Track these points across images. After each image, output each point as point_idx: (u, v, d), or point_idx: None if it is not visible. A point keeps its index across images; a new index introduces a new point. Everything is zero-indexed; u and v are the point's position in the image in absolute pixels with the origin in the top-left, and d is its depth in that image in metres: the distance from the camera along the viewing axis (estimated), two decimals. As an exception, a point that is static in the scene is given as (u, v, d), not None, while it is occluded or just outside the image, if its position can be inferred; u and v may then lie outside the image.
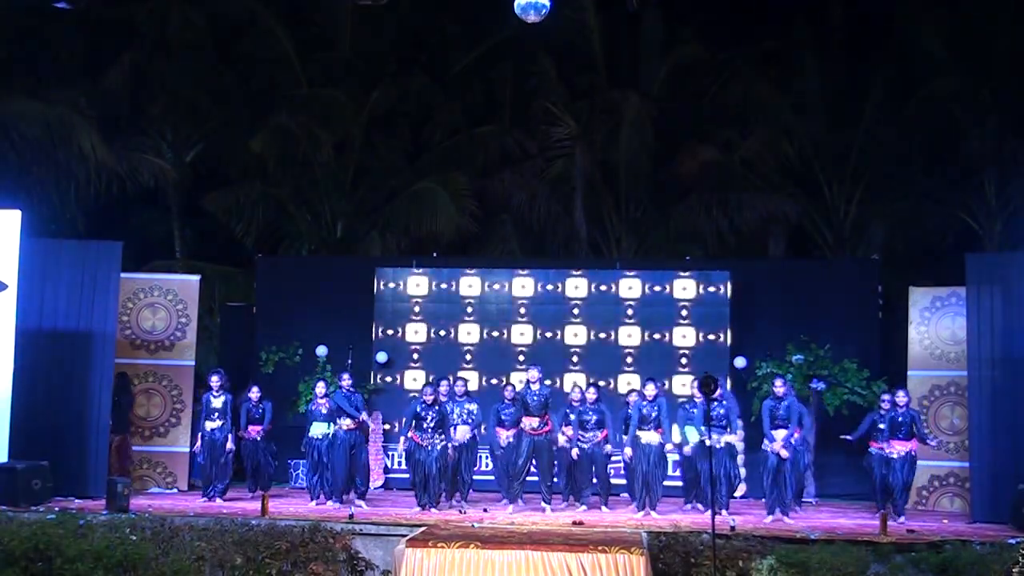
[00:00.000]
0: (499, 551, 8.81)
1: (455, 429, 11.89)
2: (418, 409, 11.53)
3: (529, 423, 11.78)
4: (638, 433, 11.50)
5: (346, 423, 11.93)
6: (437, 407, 11.53)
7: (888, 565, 9.33)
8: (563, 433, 12.16)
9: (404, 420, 12.00)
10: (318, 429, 12.23)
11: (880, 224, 17.36)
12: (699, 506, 11.96)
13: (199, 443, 12.31)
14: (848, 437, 12.29)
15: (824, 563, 9.00)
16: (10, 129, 16.20)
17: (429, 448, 11.35)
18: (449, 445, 11.55)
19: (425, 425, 11.41)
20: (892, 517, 11.06)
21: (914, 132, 16.87)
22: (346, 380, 12.18)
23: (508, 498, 11.86)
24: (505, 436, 11.89)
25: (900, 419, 11.59)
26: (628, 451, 11.58)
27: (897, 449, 11.54)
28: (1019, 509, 10.75)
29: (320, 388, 12.42)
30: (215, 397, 12.20)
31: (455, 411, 12.02)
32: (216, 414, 12.17)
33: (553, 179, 18.25)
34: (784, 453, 11.23)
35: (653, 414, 11.50)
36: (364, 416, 12.13)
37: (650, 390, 11.60)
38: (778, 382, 11.60)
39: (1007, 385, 11.63)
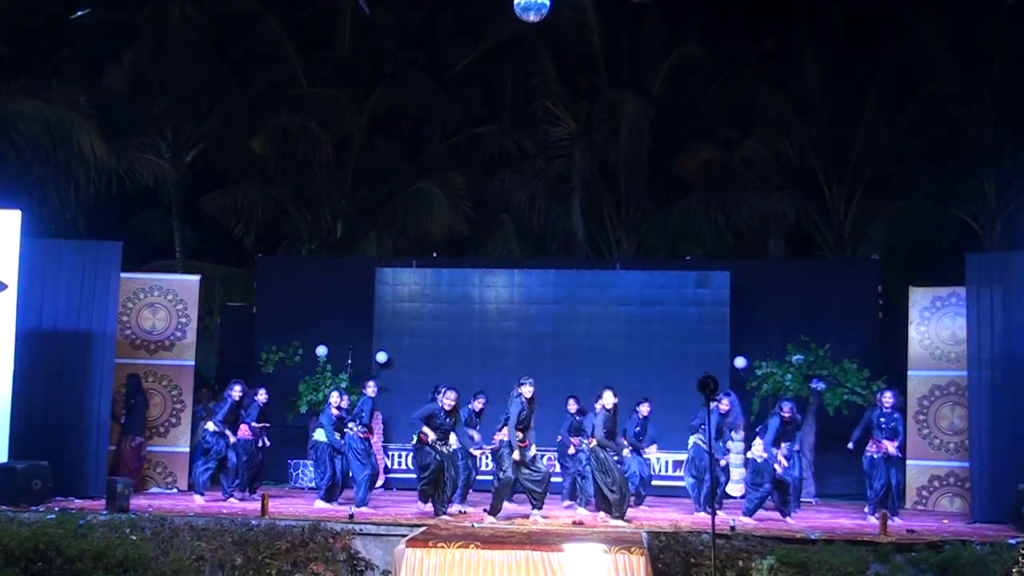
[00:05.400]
0: (499, 551, 8.82)
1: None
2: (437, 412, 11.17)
3: (519, 435, 10.95)
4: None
5: (357, 430, 11.91)
6: (453, 417, 11.19)
7: (888, 565, 9.33)
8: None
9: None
10: (325, 435, 12.22)
11: (880, 224, 17.37)
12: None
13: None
14: (851, 446, 12.03)
15: (824, 563, 8.99)
16: (10, 129, 16.19)
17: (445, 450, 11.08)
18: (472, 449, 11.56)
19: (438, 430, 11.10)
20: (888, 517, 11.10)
21: (914, 132, 16.88)
22: (371, 388, 12.13)
23: (491, 510, 11.05)
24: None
25: (884, 420, 11.61)
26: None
27: (885, 449, 11.56)
28: (1019, 509, 10.75)
29: (335, 398, 12.31)
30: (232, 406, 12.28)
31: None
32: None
33: (553, 179, 18.26)
34: (783, 464, 11.31)
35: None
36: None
37: (609, 398, 11.12)
38: (786, 406, 11.55)
39: (1007, 385, 11.63)
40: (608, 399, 11.08)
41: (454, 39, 18.95)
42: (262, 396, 12.64)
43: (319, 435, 12.27)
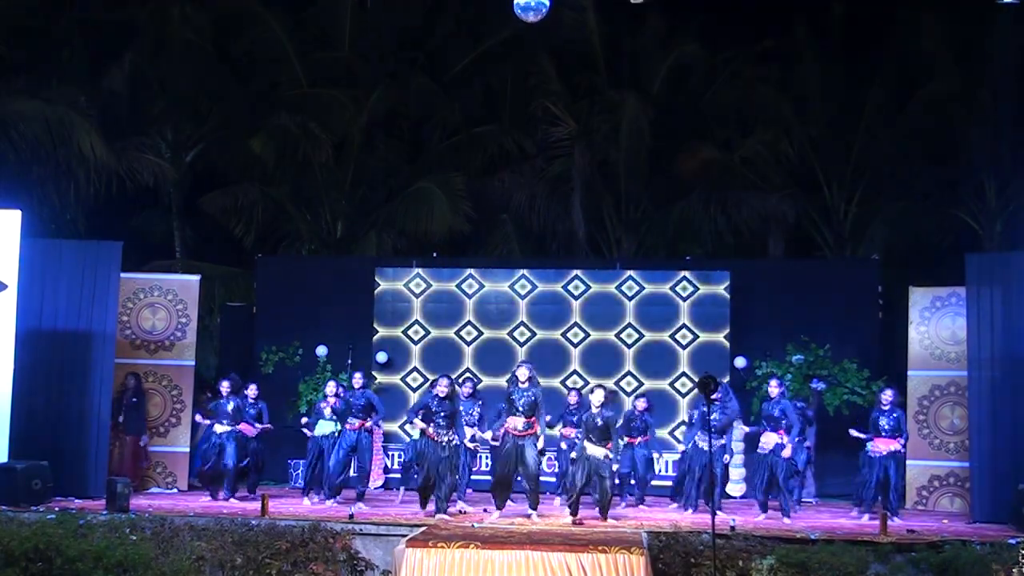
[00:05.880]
0: (499, 551, 8.82)
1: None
2: (431, 403, 10.98)
3: (514, 424, 10.90)
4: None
5: (355, 422, 11.93)
6: (450, 403, 10.98)
7: (888, 565, 9.33)
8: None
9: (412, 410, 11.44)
10: (324, 428, 12.23)
11: (880, 224, 17.37)
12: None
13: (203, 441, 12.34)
14: (859, 434, 12.07)
15: (824, 563, 8.99)
16: (10, 129, 16.19)
17: (443, 445, 10.85)
18: (466, 442, 11.49)
19: (436, 420, 10.89)
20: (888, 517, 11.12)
21: (914, 132, 16.88)
22: (357, 380, 12.15)
23: (496, 504, 11.12)
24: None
25: (884, 418, 11.64)
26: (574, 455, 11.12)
27: (880, 448, 11.58)
28: (1019, 509, 10.75)
29: (331, 388, 12.37)
30: (227, 401, 12.27)
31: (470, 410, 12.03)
32: (227, 419, 12.22)
33: (553, 179, 18.27)
34: (787, 452, 11.27)
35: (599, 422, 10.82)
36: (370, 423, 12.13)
37: (597, 397, 10.90)
38: (772, 383, 11.62)
39: (1007, 385, 11.62)
40: (596, 398, 10.89)
41: (454, 39, 18.94)
42: (252, 391, 12.66)
43: (319, 428, 12.27)
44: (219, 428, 12.20)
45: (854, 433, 11.88)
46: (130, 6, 17.64)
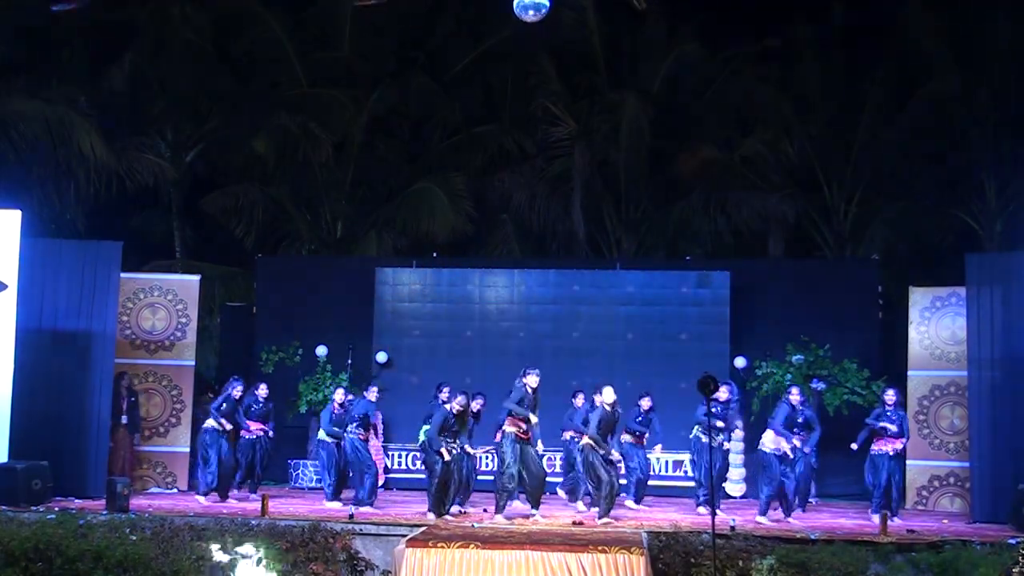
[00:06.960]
0: (499, 551, 8.82)
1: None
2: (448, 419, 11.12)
3: (520, 425, 10.95)
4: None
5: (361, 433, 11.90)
6: (463, 417, 11.16)
7: (888, 565, 9.33)
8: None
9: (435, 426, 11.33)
10: (322, 428, 12.22)
11: (880, 224, 17.37)
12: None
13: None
14: (854, 447, 12.05)
15: (824, 563, 8.99)
16: (10, 129, 16.21)
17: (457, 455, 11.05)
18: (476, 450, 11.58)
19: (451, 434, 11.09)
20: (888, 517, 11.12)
21: (914, 132, 16.88)
22: (373, 393, 12.06)
23: (496, 509, 11.13)
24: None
25: (887, 419, 11.62)
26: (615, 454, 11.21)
27: (883, 447, 11.59)
28: (1019, 509, 10.75)
29: (339, 395, 12.38)
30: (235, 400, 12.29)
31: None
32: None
33: (553, 179, 18.29)
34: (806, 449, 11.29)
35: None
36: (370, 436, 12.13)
37: (609, 395, 11.01)
38: (794, 390, 11.57)
39: (1007, 385, 11.62)
40: (608, 395, 10.95)
41: (454, 39, 18.96)
42: (263, 391, 12.63)
43: (323, 434, 12.28)
44: (211, 423, 12.20)
45: (855, 446, 11.88)
46: (130, 6, 17.65)
